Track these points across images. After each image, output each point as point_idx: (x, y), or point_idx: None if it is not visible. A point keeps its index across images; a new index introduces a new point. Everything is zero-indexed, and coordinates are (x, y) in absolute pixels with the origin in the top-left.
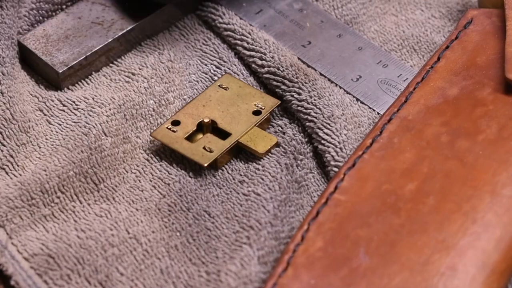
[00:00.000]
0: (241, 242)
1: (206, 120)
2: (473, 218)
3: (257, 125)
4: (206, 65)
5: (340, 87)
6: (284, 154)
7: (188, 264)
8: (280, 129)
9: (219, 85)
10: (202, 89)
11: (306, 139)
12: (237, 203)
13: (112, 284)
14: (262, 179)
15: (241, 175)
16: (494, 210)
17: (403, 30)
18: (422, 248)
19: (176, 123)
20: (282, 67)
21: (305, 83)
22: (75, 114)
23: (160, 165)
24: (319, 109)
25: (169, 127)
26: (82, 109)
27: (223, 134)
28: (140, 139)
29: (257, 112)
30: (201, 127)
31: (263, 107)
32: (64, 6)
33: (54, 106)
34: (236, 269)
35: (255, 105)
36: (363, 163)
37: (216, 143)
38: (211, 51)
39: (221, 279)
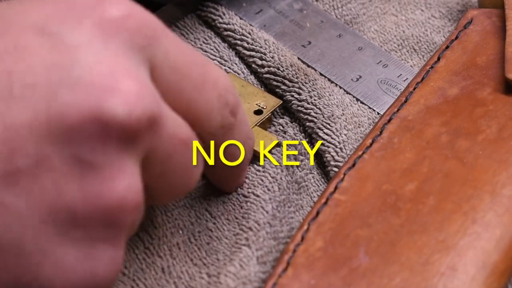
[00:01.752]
0: (240, 244)
1: None
2: (473, 218)
3: (258, 124)
4: None
5: (340, 87)
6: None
7: (190, 264)
8: (281, 127)
9: None
10: None
11: (307, 139)
12: (237, 205)
13: (113, 284)
14: (262, 180)
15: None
16: (494, 210)
17: (403, 30)
18: (422, 248)
19: None
20: (282, 67)
21: (305, 83)
22: None
23: None
24: (319, 109)
25: None
26: None
27: None
28: None
29: (258, 112)
30: None
31: (264, 107)
32: None
33: None
34: (235, 270)
35: (256, 104)
36: (363, 163)
37: None
38: (212, 50)
39: (220, 281)
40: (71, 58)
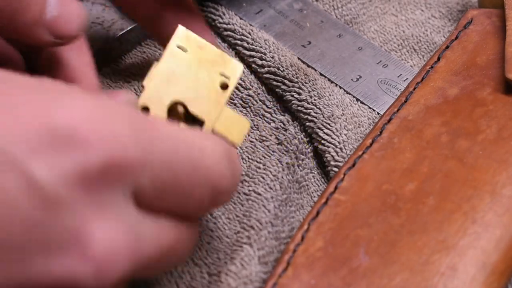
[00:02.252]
0: (241, 242)
1: (179, 109)
2: (473, 218)
3: (226, 103)
4: None
5: (340, 87)
6: (285, 153)
7: (191, 264)
8: (282, 125)
9: (178, 46)
10: None
11: (308, 139)
12: (238, 203)
13: None
14: (263, 178)
15: (242, 174)
16: (494, 210)
17: (403, 30)
18: (422, 248)
19: (146, 109)
20: (282, 67)
21: (305, 83)
22: None
23: None
24: (319, 109)
25: None
26: None
27: (196, 121)
28: None
29: (224, 86)
30: (173, 113)
31: (228, 77)
32: None
33: None
34: (236, 269)
35: (220, 74)
36: (363, 163)
37: None
38: None
39: (221, 280)
40: (50, 216)
